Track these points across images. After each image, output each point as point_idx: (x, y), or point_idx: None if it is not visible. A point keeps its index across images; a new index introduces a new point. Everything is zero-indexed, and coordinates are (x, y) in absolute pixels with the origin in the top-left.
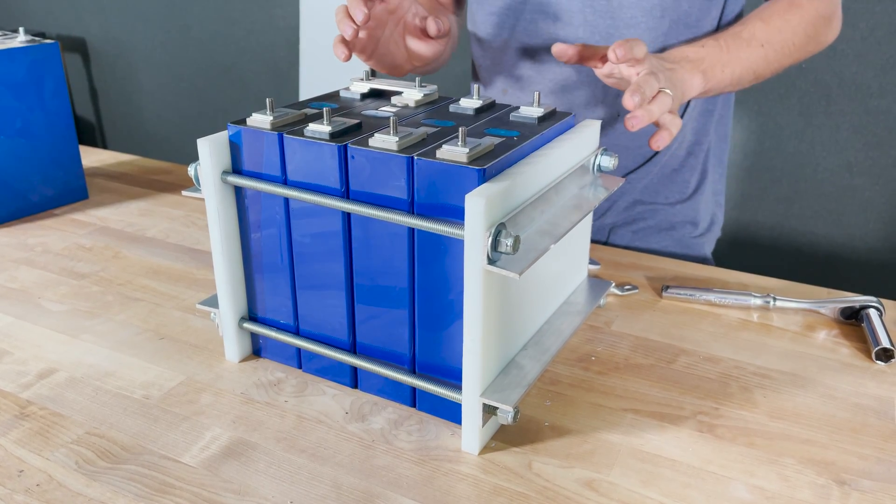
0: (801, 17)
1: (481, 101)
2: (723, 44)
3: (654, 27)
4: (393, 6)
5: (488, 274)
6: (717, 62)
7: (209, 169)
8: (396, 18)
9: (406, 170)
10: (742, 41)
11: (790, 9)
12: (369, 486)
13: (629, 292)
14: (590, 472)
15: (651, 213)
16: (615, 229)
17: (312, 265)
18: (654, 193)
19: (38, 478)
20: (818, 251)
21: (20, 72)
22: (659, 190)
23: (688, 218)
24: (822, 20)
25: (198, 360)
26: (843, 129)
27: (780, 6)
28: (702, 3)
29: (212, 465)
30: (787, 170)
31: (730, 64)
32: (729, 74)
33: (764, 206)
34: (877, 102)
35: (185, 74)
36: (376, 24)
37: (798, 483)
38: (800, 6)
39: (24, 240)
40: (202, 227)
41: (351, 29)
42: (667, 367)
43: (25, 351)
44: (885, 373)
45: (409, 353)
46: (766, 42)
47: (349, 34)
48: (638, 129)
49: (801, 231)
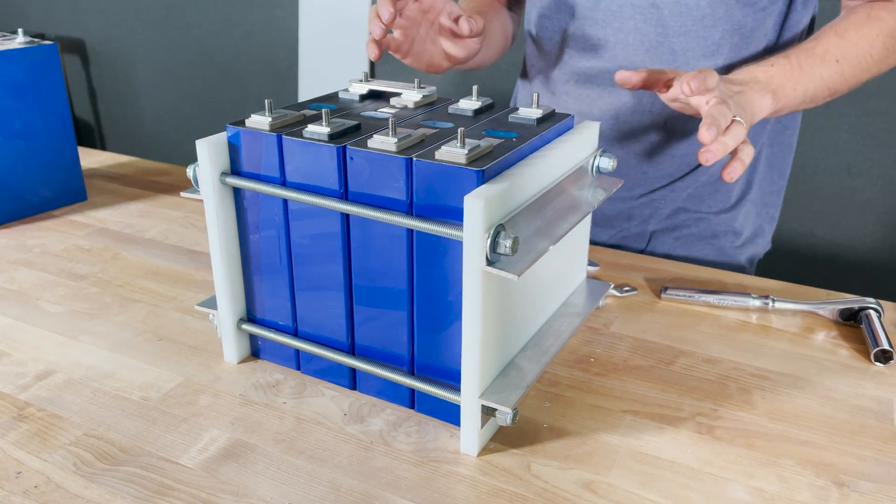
0: (879, 28)
1: (480, 102)
2: (794, 61)
3: (706, 36)
4: (427, 5)
5: (487, 275)
6: (788, 80)
7: (208, 170)
8: (431, 18)
9: (405, 171)
10: (815, 57)
11: (868, 21)
12: (368, 487)
13: (628, 293)
14: (589, 473)
15: (694, 221)
16: (656, 235)
17: (311, 266)
18: (699, 202)
19: (37, 479)
20: (817, 252)
21: (19, 73)
22: (703, 198)
23: (730, 228)
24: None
25: (196, 361)
26: (842, 131)
27: (857, 18)
28: (756, 13)
29: (210, 466)
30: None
31: (801, 81)
32: (801, 93)
33: None
34: (876, 104)
35: (185, 76)
36: (410, 23)
37: (797, 484)
38: (879, 18)
39: (23, 241)
40: (201, 228)
41: (379, 28)
42: (666, 369)
43: (24, 352)
44: (884, 374)
45: (408, 354)
46: (841, 57)
47: (377, 34)
48: (713, 163)
49: (800, 232)
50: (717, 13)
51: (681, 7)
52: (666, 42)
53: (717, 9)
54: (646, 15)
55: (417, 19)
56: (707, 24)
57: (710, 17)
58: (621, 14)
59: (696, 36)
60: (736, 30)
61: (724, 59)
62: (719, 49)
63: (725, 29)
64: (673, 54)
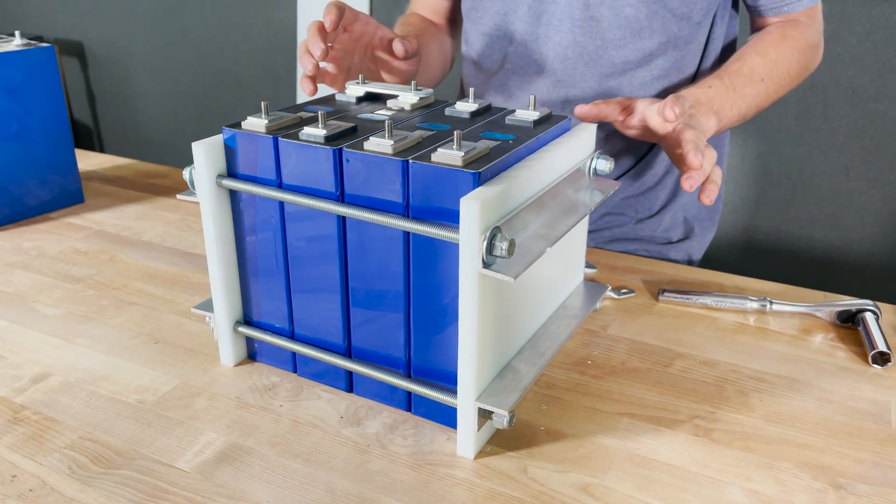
0: (793, 47)
1: (477, 104)
2: (727, 82)
3: (643, 48)
4: (357, 34)
5: (483, 278)
6: (726, 101)
7: (204, 172)
8: (363, 44)
9: (401, 173)
10: (744, 77)
11: (784, 40)
12: (364, 491)
13: (625, 296)
14: (586, 476)
15: (619, 225)
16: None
17: (307, 269)
18: (626, 207)
19: (31, 483)
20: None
21: (16, 76)
22: (631, 204)
23: (652, 233)
24: (812, 49)
25: (192, 364)
26: (840, 133)
27: (773, 39)
28: (691, 26)
29: (206, 469)
30: (785, 173)
31: (736, 102)
32: (737, 112)
33: (761, 209)
34: (874, 106)
35: (183, 78)
36: (343, 53)
37: (794, 487)
38: (792, 37)
39: (20, 243)
40: (198, 230)
41: (311, 64)
42: (663, 371)
43: (19, 355)
44: (882, 376)
45: (405, 357)
46: (765, 76)
47: (309, 70)
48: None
49: (797, 234)
50: (653, 25)
51: (619, 20)
52: (605, 54)
53: (654, 21)
54: (585, 28)
55: (350, 48)
56: (644, 37)
57: (648, 29)
58: (561, 28)
59: (634, 48)
60: (671, 42)
61: (660, 70)
62: (655, 60)
63: (662, 41)
64: (612, 66)
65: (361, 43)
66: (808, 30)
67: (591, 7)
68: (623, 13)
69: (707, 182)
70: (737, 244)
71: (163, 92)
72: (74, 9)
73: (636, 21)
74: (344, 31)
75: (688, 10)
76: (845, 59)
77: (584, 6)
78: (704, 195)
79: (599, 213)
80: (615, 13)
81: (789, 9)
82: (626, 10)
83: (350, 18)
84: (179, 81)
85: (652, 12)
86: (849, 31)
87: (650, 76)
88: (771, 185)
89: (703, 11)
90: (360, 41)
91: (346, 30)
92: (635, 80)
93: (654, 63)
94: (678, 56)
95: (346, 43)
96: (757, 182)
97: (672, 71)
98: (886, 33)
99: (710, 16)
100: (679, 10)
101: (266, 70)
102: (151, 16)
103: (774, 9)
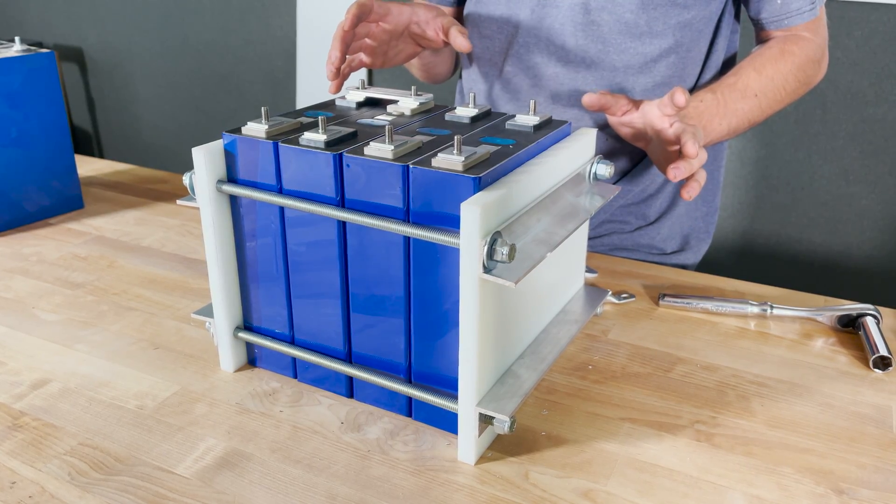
0: (792, 63)
1: (477, 109)
2: (720, 97)
3: (644, 53)
4: (391, 25)
5: (484, 283)
6: (715, 116)
7: (204, 178)
8: (398, 35)
9: (401, 178)
10: (737, 92)
11: (782, 56)
12: (364, 496)
13: (626, 301)
14: (587, 481)
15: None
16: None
17: (308, 274)
18: (626, 214)
19: (31, 489)
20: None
21: (16, 81)
22: (630, 212)
23: (650, 242)
24: (812, 64)
25: (192, 370)
26: (840, 138)
27: (772, 53)
28: (693, 33)
29: (206, 476)
30: (784, 178)
31: (726, 117)
32: (726, 126)
33: (761, 214)
34: (872, 110)
35: (183, 84)
36: (378, 43)
37: (796, 492)
38: (791, 53)
39: (19, 249)
40: (198, 236)
41: (330, 72)
42: (664, 376)
43: (19, 361)
44: (883, 381)
45: (405, 362)
46: (759, 92)
47: (329, 75)
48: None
49: (797, 239)
50: (654, 30)
51: (621, 25)
52: (607, 59)
53: (656, 26)
54: (587, 32)
55: (384, 39)
56: (646, 42)
57: (649, 34)
58: (563, 32)
59: (635, 53)
60: (673, 48)
61: (661, 76)
62: (656, 66)
63: (663, 47)
64: (613, 71)
65: (396, 33)
66: (809, 45)
67: (592, 12)
68: (623, 18)
69: (691, 180)
70: (736, 248)
71: (162, 97)
72: (74, 15)
73: (637, 26)
74: (377, 25)
75: (689, 17)
76: (844, 63)
77: (585, 11)
78: (685, 190)
79: (598, 219)
80: (615, 18)
81: (790, 22)
82: (626, 16)
83: (380, 13)
84: (179, 87)
85: (652, 18)
86: (848, 35)
87: (652, 82)
88: (770, 190)
89: (705, 20)
90: (394, 31)
91: (379, 23)
92: (637, 86)
93: (655, 69)
94: (680, 64)
95: (380, 35)
96: (756, 186)
97: (674, 78)
98: (885, 38)
99: (711, 24)
100: (680, 16)
101: (266, 75)
102: (151, 21)
103: (776, 22)
